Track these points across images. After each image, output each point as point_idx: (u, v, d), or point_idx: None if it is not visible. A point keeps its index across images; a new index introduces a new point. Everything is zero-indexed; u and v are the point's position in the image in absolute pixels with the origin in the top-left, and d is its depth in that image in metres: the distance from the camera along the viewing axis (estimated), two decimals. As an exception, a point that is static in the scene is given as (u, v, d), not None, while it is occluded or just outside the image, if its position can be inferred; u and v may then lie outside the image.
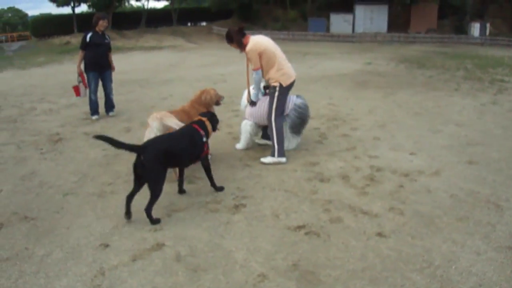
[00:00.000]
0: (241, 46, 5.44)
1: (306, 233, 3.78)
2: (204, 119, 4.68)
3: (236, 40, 5.44)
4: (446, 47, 26.55)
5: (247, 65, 5.76)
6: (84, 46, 7.70)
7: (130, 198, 4.06)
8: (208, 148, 4.58)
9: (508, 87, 11.20)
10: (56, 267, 3.36)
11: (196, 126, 4.52)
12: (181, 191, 4.69)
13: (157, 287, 3.08)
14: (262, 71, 5.47)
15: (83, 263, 3.40)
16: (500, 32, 32.12)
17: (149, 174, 3.92)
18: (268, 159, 5.59)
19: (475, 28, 31.34)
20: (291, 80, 5.54)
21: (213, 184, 4.69)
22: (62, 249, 3.61)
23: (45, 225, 4.04)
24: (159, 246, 3.60)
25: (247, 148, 6.10)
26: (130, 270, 3.28)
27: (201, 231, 3.83)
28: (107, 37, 7.94)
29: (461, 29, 32.28)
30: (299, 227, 3.88)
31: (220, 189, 4.71)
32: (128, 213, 4.04)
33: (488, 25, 31.63)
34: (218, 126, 5.05)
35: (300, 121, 5.94)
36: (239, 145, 6.16)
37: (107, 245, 3.64)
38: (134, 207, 4.30)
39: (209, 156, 4.75)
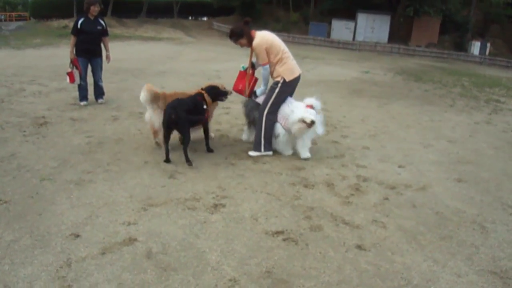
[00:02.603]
0: (250, 40, 5.36)
1: (284, 239, 3.66)
2: (203, 91, 5.59)
3: (246, 33, 5.36)
4: (445, 62, 26.60)
5: (250, 61, 5.66)
6: (76, 32, 7.55)
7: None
8: (208, 114, 5.63)
9: (504, 107, 11.17)
10: (22, 254, 3.22)
11: (199, 98, 5.49)
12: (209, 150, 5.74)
13: (124, 284, 2.95)
14: (270, 66, 5.43)
15: (50, 252, 3.27)
16: (500, 53, 32.23)
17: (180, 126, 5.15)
18: (255, 153, 5.66)
19: (476, 47, 31.43)
20: (294, 76, 5.50)
21: (207, 144, 5.75)
22: (31, 236, 3.47)
23: (17, 209, 3.90)
24: (131, 241, 3.46)
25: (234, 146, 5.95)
26: (97, 264, 3.14)
27: (176, 229, 3.70)
28: (101, 22, 7.78)
29: (461, 46, 32.36)
30: (278, 233, 3.76)
31: (210, 150, 5.71)
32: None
33: (488, 44, 31.73)
34: (223, 98, 5.85)
35: None
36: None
37: (77, 235, 3.50)
38: (110, 197, 4.20)
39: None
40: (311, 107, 5.50)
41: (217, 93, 5.68)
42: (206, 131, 5.70)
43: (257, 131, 5.61)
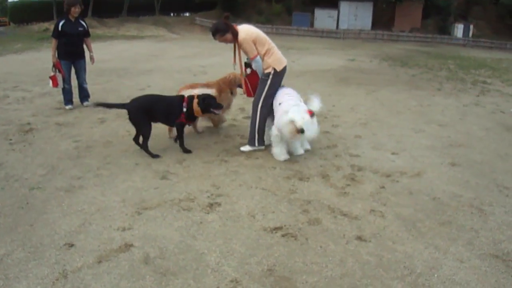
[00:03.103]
0: (235, 34, 5.25)
1: (283, 235, 3.60)
2: (195, 97, 5.36)
3: (231, 27, 5.26)
4: (429, 46, 26.67)
5: (240, 57, 5.53)
6: (57, 34, 7.38)
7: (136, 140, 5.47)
8: (185, 119, 5.37)
9: (491, 88, 11.19)
10: (16, 268, 3.12)
11: (185, 99, 5.34)
12: (185, 151, 5.53)
13: (122, 292, 2.87)
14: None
15: (45, 264, 3.17)
16: (483, 34, 32.39)
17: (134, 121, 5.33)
18: (248, 148, 5.59)
19: (459, 29, 31.56)
20: (283, 65, 5.45)
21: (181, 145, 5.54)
22: (24, 248, 3.37)
23: (7, 221, 3.78)
24: (127, 247, 3.38)
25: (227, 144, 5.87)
26: (94, 273, 3.06)
27: (172, 231, 3.62)
28: (82, 23, 7.62)
29: (445, 30, 32.47)
30: (276, 229, 3.70)
31: (187, 151, 5.49)
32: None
33: (471, 26, 31.87)
34: (215, 112, 5.49)
35: None
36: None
37: (71, 245, 3.41)
38: (102, 202, 4.10)
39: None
40: (312, 113, 5.18)
41: (208, 104, 5.38)
42: (178, 133, 5.51)
43: (251, 125, 5.54)
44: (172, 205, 4.09)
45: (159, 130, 6.42)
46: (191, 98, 5.36)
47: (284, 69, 5.48)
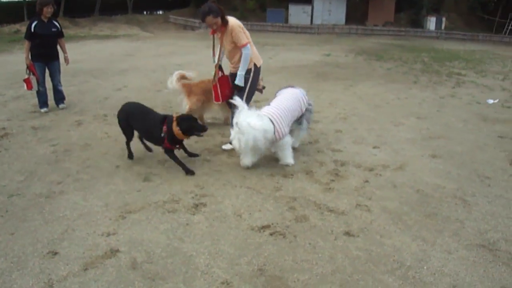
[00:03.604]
0: (225, 22, 5.10)
1: (271, 234, 3.57)
2: (174, 119, 4.71)
3: (222, 13, 5.07)
4: (403, 40, 26.94)
5: (220, 51, 5.42)
6: (29, 36, 7.18)
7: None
8: (169, 143, 4.76)
9: (466, 80, 11.36)
10: (-1, 279, 3.03)
11: (165, 120, 4.76)
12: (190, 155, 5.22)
13: (111, 299, 2.80)
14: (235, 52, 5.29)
15: (29, 274, 3.08)
16: (455, 26, 32.86)
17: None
18: (229, 146, 5.46)
19: (431, 22, 31.92)
20: (261, 62, 5.39)
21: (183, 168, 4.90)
22: (6, 259, 3.26)
23: (-14, 230, 3.67)
24: (113, 252, 3.30)
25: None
26: (81, 281, 2.98)
27: (158, 234, 3.55)
28: (55, 24, 7.44)
29: (418, 23, 32.82)
30: (264, 227, 3.67)
31: (191, 172, 4.84)
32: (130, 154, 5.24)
33: (443, 19, 32.28)
34: (199, 134, 4.86)
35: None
36: (291, 160, 5.14)
37: (55, 253, 3.31)
38: (84, 208, 4.01)
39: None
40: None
41: (190, 127, 4.71)
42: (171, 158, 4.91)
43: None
44: (157, 207, 4.02)
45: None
46: (170, 119, 4.74)
47: (261, 66, 5.43)
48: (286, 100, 5.13)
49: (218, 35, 5.34)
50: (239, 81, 5.23)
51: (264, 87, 6.13)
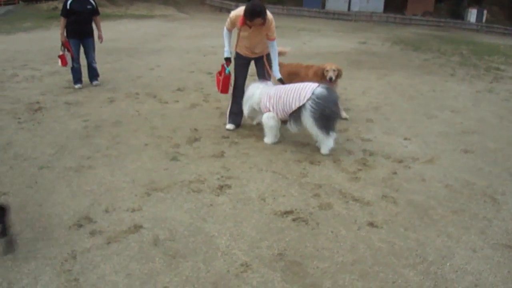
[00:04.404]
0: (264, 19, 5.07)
1: (294, 220, 3.56)
2: None
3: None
4: (441, 31, 26.27)
5: (245, 37, 5.34)
6: (65, 13, 7.30)
7: None
8: None
9: (504, 75, 11.00)
10: (25, 248, 3.10)
11: None
12: None
13: (132, 274, 2.85)
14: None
15: (54, 244, 3.15)
16: (496, 20, 31.81)
17: None
18: (232, 126, 5.74)
19: (472, 14, 30.97)
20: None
21: None
22: (32, 229, 3.35)
23: (16, 201, 3.75)
24: (137, 228, 3.35)
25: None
26: (103, 254, 3.04)
27: (182, 213, 3.59)
28: (91, 1, 7.51)
29: (458, 14, 31.90)
30: (287, 213, 3.66)
31: None
32: None
33: (485, 11, 31.28)
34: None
35: (321, 115, 4.79)
36: (267, 139, 5.30)
37: (80, 225, 3.39)
38: (111, 183, 4.07)
39: None
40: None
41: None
42: None
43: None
44: (182, 186, 4.05)
45: (170, 111, 6.39)
46: None
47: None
48: (287, 89, 5.09)
49: (247, 28, 5.21)
50: (277, 73, 5.47)
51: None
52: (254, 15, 4.92)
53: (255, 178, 4.29)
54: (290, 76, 6.15)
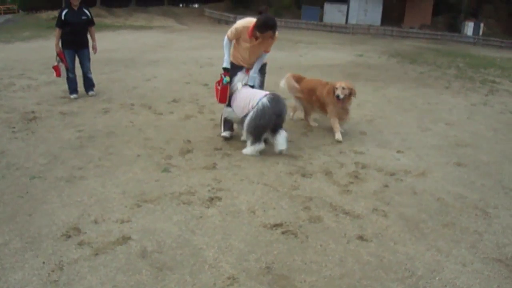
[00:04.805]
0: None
1: (283, 233, 3.55)
2: None
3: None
4: (438, 44, 26.44)
5: (247, 49, 5.42)
6: (60, 24, 7.35)
7: None
8: None
9: (500, 88, 11.05)
10: (12, 258, 3.09)
11: None
12: None
13: (118, 286, 2.83)
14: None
15: (42, 255, 3.14)
16: (493, 33, 32.07)
17: None
18: (228, 133, 5.79)
19: (469, 27, 31.24)
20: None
21: None
22: (21, 238, 3.34)
23: (6, 210, 3.75)
24: (125, 239, 3.34)
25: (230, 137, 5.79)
26: (90, 266, 3.02)
27: (171, 225, 3.57)
28: (86, 12, 7.56)
29: (455, 27, 32.16)
30: (276, 226, 3.64)
31: None
32: None
33: (482, 25, 31.55)
34: None
35: (256, 124, 5.07)
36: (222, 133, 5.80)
37: (69, 236, 3.37)
38: (102, 194, 4.07)
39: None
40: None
41: None
42: None
43: None
44: (172, 198, 4.04)
45: (164, 122, 6.40)
46: None
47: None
48: (245, 94, 5.33)
49: (254, 40, 5.31)
50: (251, 81, 5.51)
51: None
52: (267, 28, 5.10)
53: (246, 190, 4.28)
54: (310, 92, 6.33)
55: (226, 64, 5.48)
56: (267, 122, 5.07)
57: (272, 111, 5.04)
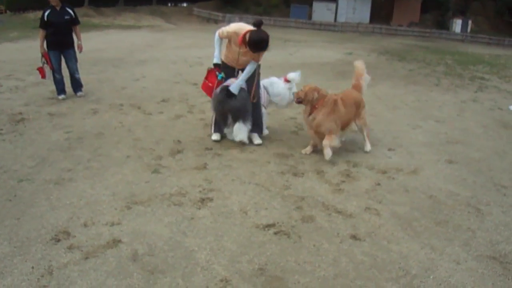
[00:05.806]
0: None
1: (276, 233, 3.51)
2: None
3: None
4: (427, 41, 26.57)
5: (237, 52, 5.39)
6: (43, 24, 7.24)
7: None
8: None
9: (488, 85, 11.11)
10: (1, 264, 3.02)
11: None
12: None
13: (109, 290, 2.78)
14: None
15: (31, 259, 3.07)
16: (481, 30, 32.33)
17: None
18: (218, 136, 5.71)
19: (457, 24, 31.47)
20: None
21: None
22: (10, 243, 3.27)
23: (-5, 214, 3.69)
24: (115, 242, 3.28)
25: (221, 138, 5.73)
26: (80, 270, 2.97)
27: (162, 227, 3.53)
28: (69, 11, 7.43)
29: (443, 25, 32.37)
30: (269, 226, 3.61)
31: None
32: None
33: (470, 22, 31.79)
34: None
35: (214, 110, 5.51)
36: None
37: (58, 240, 3.31)
38: (91, 196, 4.01)
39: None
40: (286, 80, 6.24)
41: None
42: None
43: (258, 115, 5.60)
44: (163, 200, 3.99)
45: (153, 122, 6.34)
46: None
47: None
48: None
49: (244, 47, 5.23)
50: (235, 87, 5.28)
51: None
52: (259, 50, 5.10)
53: (237, 191, 4.24)
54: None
55: (217, 60, 5.46)
56: (215, 108, 5.44)
57: (217, 98, 5.35)
